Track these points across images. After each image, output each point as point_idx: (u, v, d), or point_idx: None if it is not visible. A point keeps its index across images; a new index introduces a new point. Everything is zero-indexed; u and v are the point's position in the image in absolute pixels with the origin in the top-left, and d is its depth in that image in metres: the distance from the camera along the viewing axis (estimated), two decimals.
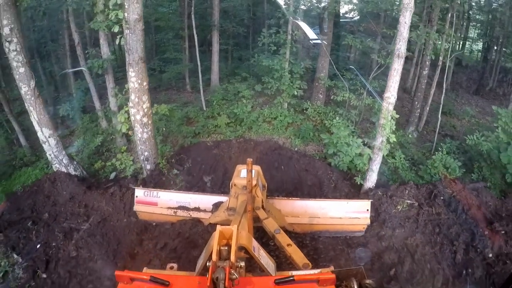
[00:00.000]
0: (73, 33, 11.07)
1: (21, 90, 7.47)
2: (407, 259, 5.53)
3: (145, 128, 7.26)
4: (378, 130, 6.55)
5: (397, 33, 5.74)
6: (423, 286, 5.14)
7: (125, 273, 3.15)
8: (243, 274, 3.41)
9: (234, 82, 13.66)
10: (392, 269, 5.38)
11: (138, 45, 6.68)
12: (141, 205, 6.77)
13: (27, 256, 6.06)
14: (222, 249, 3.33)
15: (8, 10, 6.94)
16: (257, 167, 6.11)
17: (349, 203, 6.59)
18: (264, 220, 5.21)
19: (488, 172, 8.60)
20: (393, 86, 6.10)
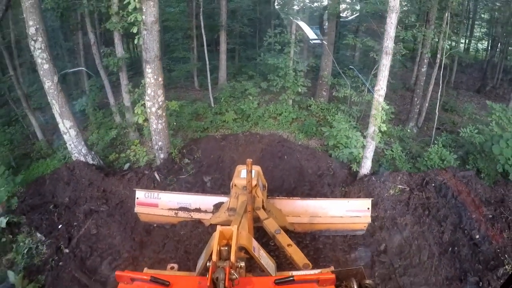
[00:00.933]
0: (89, 33, 11.89)
1: (44, 84, 8.31)
2: (396, 236, 6.23)
3: (160, 119, 8.09)
4: (371, 120, 7.26)
5: (385, 33, 6.47)
6: (410, 259, 5.85)
7: (126, 273, 3.27)
8: (243, 274, 3.53)
9: (241, 80, 14.42)
10: (382, 244, 6.10)
11: (154, 45, 7.50)
12: (142, 207, 6.95)
13: (50, 235, 6.88)
14: (222, 249, 3.44)
15: (33, 12, 7.75)
16: (257, 167, 6.29)
17: (349, 202, 6.83)
18: (265, 221, 5.35)
19: (482, 164, 9.21)
20: (383, 80, 6.80)
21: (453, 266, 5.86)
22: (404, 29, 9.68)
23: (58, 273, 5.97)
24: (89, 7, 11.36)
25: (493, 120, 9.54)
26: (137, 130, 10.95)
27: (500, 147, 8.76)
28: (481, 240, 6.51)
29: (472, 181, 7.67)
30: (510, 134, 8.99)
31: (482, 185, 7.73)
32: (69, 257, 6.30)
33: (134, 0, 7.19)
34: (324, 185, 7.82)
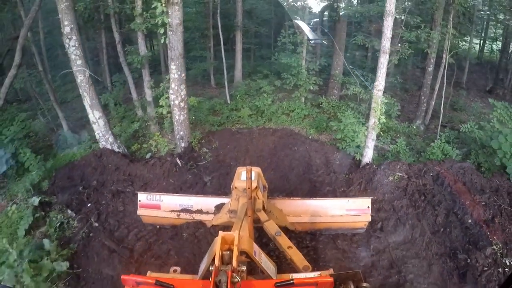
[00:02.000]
0: (114, 33, 13.08)
1: (77, 78, 9.37)
2: (392, 216, 7.09)
3: (182, 111, 9.18)
4: (371, 113, 8.16)
5: (382, 34, 7.39)
6: (403, 236, 6.72)
7: (131, 277, 3.47)
8: (244, 277, 3.69)
9: (256, 79, 15.44)
10: (379, 223, 6.99)
11: (179, 44, 8.57)
12: (144, 209, 7.20)
13: (80, 212, 7.90)
14: (224, 254, 3.62)
15: (68, 13, 8.81)
16: (257, 169, 6.46)
17: (349, 201, 7.08)
18: (265, 223, 5.55)
19: (482, 159, 9.96)
20: (381, 76, 7.69)
21: (443, 244, 6.68)
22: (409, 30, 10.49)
23: (88, 242, 6.99)
24: (115, 8, 12.52)
25: (494, 117, 10.31)
26: (157, 124, 12.04)
27: (499, 142, 9.49)
28: (473, 224, 7.27)
29: (468, 172, 8.44)
30: (509, 130, 9.74)
31: (478, 176, 8.47)
32: (98, 230, 7.32)
33: (161, 5, 8.26)
34: (330, 172, 8.76)
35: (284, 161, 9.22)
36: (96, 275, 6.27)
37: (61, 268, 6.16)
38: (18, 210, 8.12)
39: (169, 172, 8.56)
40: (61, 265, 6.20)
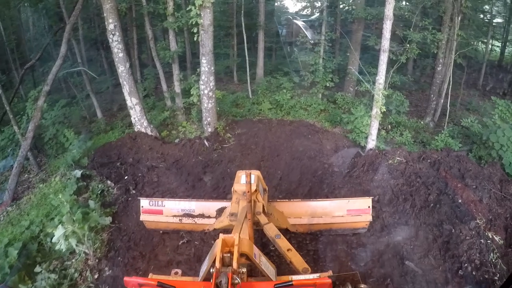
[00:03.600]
0: (147, 30, 14.96)
1: (118, 69, 11.22)
2: (388, 192, 8.53)
3: (210, 100, 10.96)
4: (374, 103, 9.70)
5: (382, 35, 8.94)
6: (396, 207, 8.20)
7: (133, 279, 3.67)
8: (245, 279, 3.90)
9: (276, 76, 17.11)
10: (376, 196, 8.50)
11: (209, 42, 10.34)
12: (147, 215, 7.55)
13: (118, 183, 9.62)
14: (224, 256, 3.84)
15: (112, 12, 10.61)
16: (257, 172, 6.84)
17: (350, 201, 7.38)
18: (265, 225, 5.74)
19: (483, 152, 11.32)
20: (382, 72, 9.19)
21: (431, 216, 8.05)
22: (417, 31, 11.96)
23: (128, 204, 8.75)
24: (149, 8, 14.42)
25: (495, 114, 11.68)
26: (184, 114, 13.87)
27: (497, 136, 10.82)
28: (462, 203, 8.55)
29: (463, 160, 9.76)
30: (507, 125, 11.09)
31: (473, 164, 9.73)
32: (136, 195, 9.00)
33: (195, 8, 10.03)
34: (338, 157, 10.33)
35: (298, 146, 10.86)
36: (135, 228, 7.95)
37: (105, 222, 7.85)
38: (61, 181, 9.78)
39: (198, 151, 10.34)
40: (105, 219, 7.90)
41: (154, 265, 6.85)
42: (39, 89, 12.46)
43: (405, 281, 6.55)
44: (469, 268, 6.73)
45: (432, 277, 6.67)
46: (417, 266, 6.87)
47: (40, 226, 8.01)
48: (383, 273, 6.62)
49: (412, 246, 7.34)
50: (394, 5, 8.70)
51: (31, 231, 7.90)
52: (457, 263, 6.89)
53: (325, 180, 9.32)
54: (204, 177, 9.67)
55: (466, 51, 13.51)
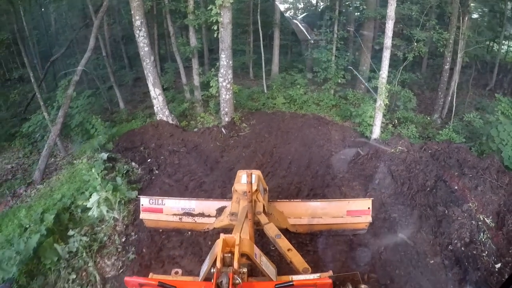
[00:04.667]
0: (169, 27, 16.33)
1: (143, 62, 12.54)
2: (388, 177, 9.60)
3: (228, 92, 12.27)
4: (377, 96, 10.85)
5: (385, 34, 10.09)
6: (394, 189, 9.31)
7: (134, 279, 3.76)
8: (245, 279, 4.01)
9: (291, 73, 18.30)
10: (376, 180, 9.63)
11: (228, 38, 11.62)
12: (147, 213, 7.77)
13: (142, 165, 10.90)
14: (225, 256, 3.93)
15: (139, 10, 11.93)
16: (258, 171, 6.97)
17: (350, 202, 7.60)
18: (265, 225, 5.86)
19: (485, 147, 12.30)
20: (385, 67, 10.33)
21: (426, 199, 9.08)
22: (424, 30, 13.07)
23: (151, 182, 10.01)
24: (171, 6, 15.79)
25: (498, 110, 12.67)
26: (202, 106, 15.22)
27: (498, 131, 11.77)
28: (457, 189, 9.58)
29: (463, 151, 10.73)
30: (509, 121, 12.11)
31: (472, 156, 10.64)
32: (159, 175, 10.33)
33: (215, 7, 11.30)
34: (345, 146, 11.49)
35: (308, 136, 12.07)
36: None
37: (131, 196, 9.09)
38: (88, 163, 10.90)
39: (215, 138, 11.65)
40: (131, 193, 9.14)
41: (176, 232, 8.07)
42: (69, 79, 13.90)
43: (397, 250, 7.59)
44: (459, 244, 7.61)
45: (422, 249, 7.66)
46: (410, 239, 7.91)
47: (71, 199, 9.16)
48: (378, 243, 7.71)
49: (406, 222, 8.39)
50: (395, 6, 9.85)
51: (63, 203, 9.00)
52: (448, 239, 7.81)
53: (331, 165, 10.47)
54: (221, 160, 10.94)
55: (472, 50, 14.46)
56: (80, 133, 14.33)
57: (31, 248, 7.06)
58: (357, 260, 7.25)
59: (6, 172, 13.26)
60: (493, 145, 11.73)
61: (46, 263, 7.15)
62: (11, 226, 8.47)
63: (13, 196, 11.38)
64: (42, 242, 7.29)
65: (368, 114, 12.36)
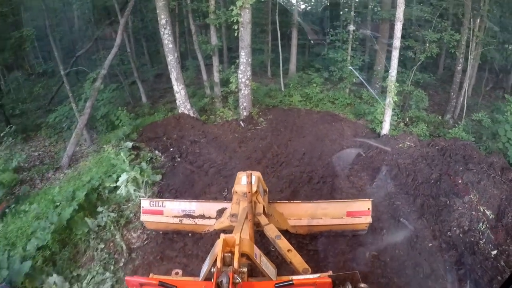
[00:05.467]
0: (191, 25, 17.57)
1: (167, 58, 13.76)
2: (395, 169, 10.50)
3: (247, 87, 13.41)
4: (387, 94, 11.80)
5: (394, 35, 11.07)
6: (399, 181, 10.25)
7: (135, 279, 3.92)
8: (245, 278, 4.13)
9: (308, 72, 19.38)
10: (384, 171, 10.59)
11: (248, 37, 12.75)
12: (147, 215, 7.95)
13: (164, 153, 11.97)
14: (225, 256, 4.07)
15: (164, 9, 13.09)
16: (257, 173, 7.17)
17: (349, 203, 7.80)
18: (265, 226, 6.06)
19: (492, 146, 13.12)
20: (394, 66, 11.31)
21: (430, 190, 9.87)
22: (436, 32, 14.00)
23: (174, 168, 11.09)
24: (193, 6, 17.02)
25: (508, 110, 13.46)
26: (222, 101, 16.40)
27: (505, 130, 12.60)
28: (460, 182, 10.49)
29: (469, 148, 11.54)
30: None
31: (478, 152, 11.41)
32: (181, 162, 11.43)
33: (236, 8, 12.43)
34: (356, 141, 12.48)
35: (321, 131, 13.12)
36: (181, 185, 10.25)
37: (156, 179, 10.20)
38: (114, 151, 11.84)
39: (234, 130, 12.82)
40: (156, 177, 10.25)
41: None
42: (96, 72, 15.21)
43: (398, 233, 8.48)
44: (457, 231, 8.41)
45: (422, 234, 8.49)
46: (411, 224, 8.80)
47: (99, 181, 10.04)
48: (380, 226, 8.65)
49: (409, 210, 9.26)
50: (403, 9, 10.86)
51: (91, 184, 9.72)
52: (447, 227, 8.60)
53: (341, 157, 11.48)
54: (239, 149, 12.10)
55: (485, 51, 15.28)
56: (105, 124, 15.67)
57: (64, 219, 8.08)
58: (359, 239, 8.16)
59: (33, 159, 14.54)
60: (499, 144, 12.54)
61: (78, 233, 8.17)
62: (44, 203, 9.46)
63: (41, 180, 12.58)
64: (73, 216, 8.29)
65: (378, 111, 13.29)
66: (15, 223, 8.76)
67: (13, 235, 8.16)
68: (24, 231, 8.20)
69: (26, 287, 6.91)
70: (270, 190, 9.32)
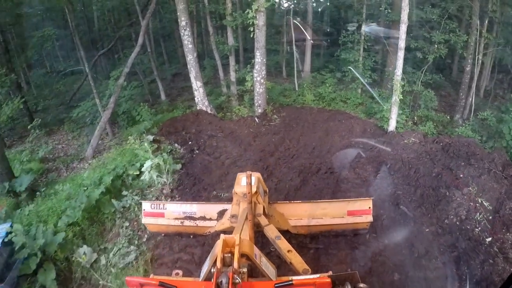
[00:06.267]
0: (209, 27, 18.92)
1: (187, 57, 15.08)
2: (399, 163, 11.52)
3: (261, 86, 14.70)
4: (393, 92, 12.93)
5: (399, 36, 12.21)
6: (402, 173, 11.32)
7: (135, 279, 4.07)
8: (245, 278, 4.30)
9: (322, 73, 20.61)
10: (388, 164, 11.71)
11: (262, 38, 14.03)
12: (149, 218, 8.23)
13: (184, 146, 13.23)
14: (225, 256, 4.24)
15: (184, 12, 14.43)
16: (257, 174, 7.36)
17: (350, 202, 7.98)
18: (265, 227, 6.24)
19: (498, 144, 14.07)
20: (399, 66, 12.43)
21: (431, 182, 10.69)
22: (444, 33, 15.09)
23: (193, 159, 12.41)
24: (211, 8, 18.42)
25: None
26: (238, 99, 17.72)
27: (509, 128, 13.49)
28: (461, 176, 11.42)
29: (472, 145, 12.36)
30: None
31: (480, 149, 12.12)
32: (199, 154, 12.77)
33: (251, 12, 13.72)
34: (364, 137, 13.61)
35: (332, 127, 14.31)
36: (199, 173, 11.56)
37: (176, 168, 11.49)
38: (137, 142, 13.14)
39: (249, 126, 14.14)
40: (176, 166, 11.54)
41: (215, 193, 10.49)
42: (120, 70, 16.79)
43: (396, 219, 9.53)
44: (454, 220, 9.29)
45: (420, 220, 9.45)
46: (410, 211, 9.81)
47: (123, 169, 11.09)
48: (381, 212, 9.69)
49: (409, 199, 10.24)
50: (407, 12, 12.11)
51: (116, 172, 10.86)
52: (445, 215, 9.49)
53: (349, 151, 12.64)
54: (253, 143, 13.40)
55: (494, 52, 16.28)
56: (126, 119, 17.17)
57: (93, 200, 9.24)
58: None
59: (57, 151, 16.11)
60: (503, 142, 13.50)
61: (105, 212, 9.45)
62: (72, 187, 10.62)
63: (67, 169, 13.99)
64: (101, 198, 9.45)
65: (385, 109, 14.43)
66: (46, 204, 10.07)
67: (44, 214, 9.46)
68: (54, 211, 9.49)
69: (58, 256, 8.16)
70: (281, 179, 10.71)
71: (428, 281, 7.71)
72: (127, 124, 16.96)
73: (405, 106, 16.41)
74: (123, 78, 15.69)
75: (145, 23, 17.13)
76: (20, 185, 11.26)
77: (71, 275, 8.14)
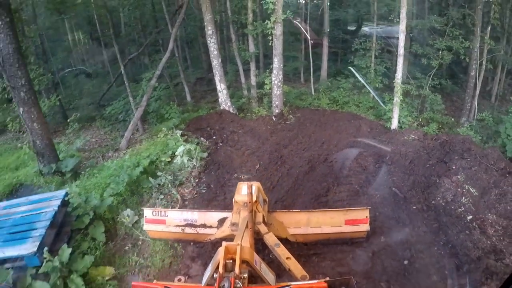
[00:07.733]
0: (231, 35, 22.10)
1: (213, 62, 18.05)
2: (397, 156, 13.88)
3: (279, 88, 17.65)
4: (395, 94, 15.64)
5: (398, 44, 14.94)
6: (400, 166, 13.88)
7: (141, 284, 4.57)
8: (246, 284, 4.78)
9: (338, 78, 23.34)
10: (388, 156, 14.33)
11: (280, 46, 16.94)
12: (150, 225, 8.75)
13: (208, 140, 16.08)
14: (227, 262, 4.73)
15: (211, 22, 17.39)
16: (257, 183, 7.88)
17: (348, 212, 8.50)
18: (265, 235, 6.73)
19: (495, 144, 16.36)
20: (399, 71, 15.15)
21: (424, 171, 12.82)
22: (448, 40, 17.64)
23: (217, 150, 15.23)
24: (234, 18, 21.53)
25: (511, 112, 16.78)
26: (257, 102, 20.60)
27: (505, 128, 15.78)
28: (454, 168, 13.57)
29: (467, 141, 14.35)
30: None
31: (476, 146, 14.08)
32: (222, 146, 15.63)
33: (270, 22, 16.63)
34: (369, 135, 16.27)
35: (341, 126, 17.10)
36: (222, 161, 14.35)
37: (203, 155, 14.25)
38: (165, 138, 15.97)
39: (267, 124, 17.12)
40: (203, 154, 14.33)
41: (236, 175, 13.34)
42: (152, 72, 19.94)
43: (388, 197, 11.76)
44: (440, 201, 11.03)
45: (409, 200, 11.42)
46: (401, 193, 12.03)
47: (156, 156, 13.60)
48: (375, 193, 12.04)
49: (402, 184, 12.42)
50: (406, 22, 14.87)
51: (150, 159, 13.23)
52: (432, 197, 11.27)
53: (354, 146, 15.30)
54: (270, 138, 16.33)
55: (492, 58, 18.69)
56: (155, 117, 20.39)
57: (134, 176, 11.75)
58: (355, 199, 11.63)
59: (92, 143, 19.34)
60: (499, 140, 15.74)
61: (144, 187, 11.89)
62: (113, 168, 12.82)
63: (103, 158, 16.85)
64: (139, 176, 11.95)
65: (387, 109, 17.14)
66: (90, 181, 12.93)
67: (90, 188, 12.19)
68: (99, 185, 12.11)
69: (107, 215, 10.53)
70: (293, 166, 13.49)
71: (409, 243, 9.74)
72: (156, 121, 20.08)
73: (414, 109, 19.05)
74: (155, 80, 18.84)
75: (175, 30, 20.22)
76: (66, 166, 14.22)
77: (116, 231, 10.41)
